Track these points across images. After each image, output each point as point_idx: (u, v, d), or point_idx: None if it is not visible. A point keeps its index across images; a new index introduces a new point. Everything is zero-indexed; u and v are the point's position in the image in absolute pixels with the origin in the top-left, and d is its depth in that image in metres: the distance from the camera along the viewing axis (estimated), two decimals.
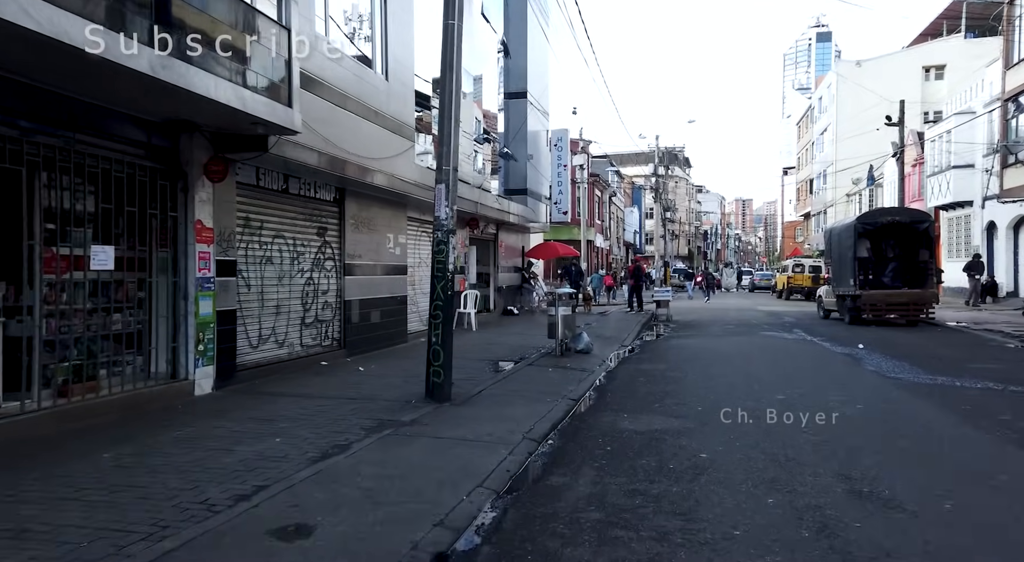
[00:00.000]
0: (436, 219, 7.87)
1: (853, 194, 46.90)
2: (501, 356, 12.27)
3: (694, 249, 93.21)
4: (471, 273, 18.26)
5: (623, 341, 15.69)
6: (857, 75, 48.81)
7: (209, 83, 6.45)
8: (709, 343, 15.53)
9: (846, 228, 19.95)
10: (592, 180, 42.16)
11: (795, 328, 19.06)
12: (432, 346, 7.77)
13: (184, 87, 6.11)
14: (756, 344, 15.12)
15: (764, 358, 12.71)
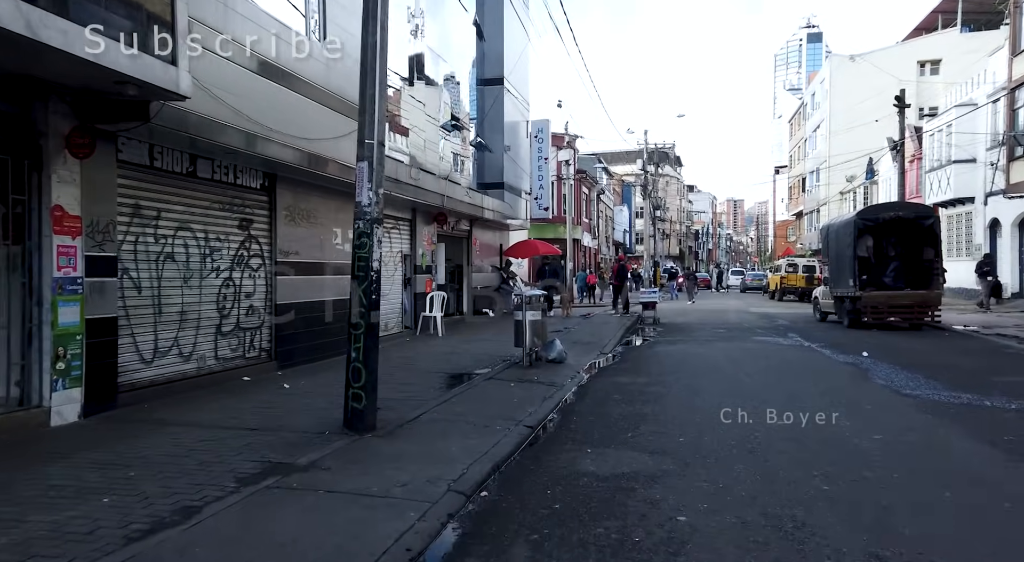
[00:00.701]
0: (357, 206, 6.35)
1: (847, 191, 45.64)
2: (460, 367, 10.75)
3: (685, 249, 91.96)
4: (439, 273, 16.73)
5: (603, 348, 14.21)
6: (851, 70, 47.58)
7: (53, 25, 4.92)
8: (697, 350, 14.06)
9: (845, 224, 18.55)
10: (579, 176, 40.70)
11: (790, 332, 17.64)
12: (351, 363, 6.25)
13: (22, 34, 4.59)
14: (749, 351, 13.65)
15: (758, 368, 11.24)
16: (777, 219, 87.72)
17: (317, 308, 10.80)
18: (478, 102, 19.15)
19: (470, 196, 17.13)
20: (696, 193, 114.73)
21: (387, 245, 13.87)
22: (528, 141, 23.43)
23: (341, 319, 11.07)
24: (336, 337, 11.30)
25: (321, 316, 10.91)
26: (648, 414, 7.53)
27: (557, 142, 36.00)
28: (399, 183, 12.46)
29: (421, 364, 10.86)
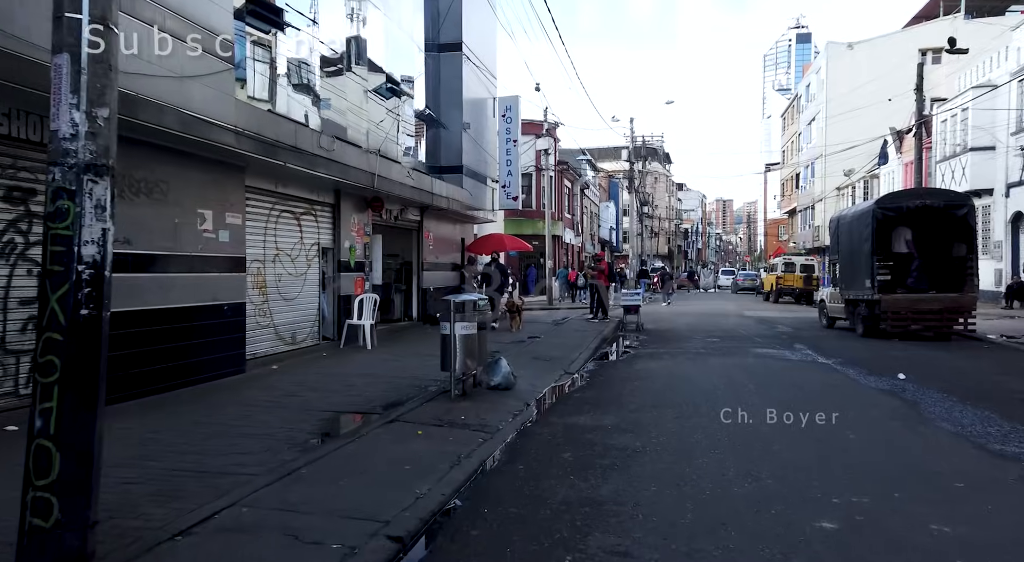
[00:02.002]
0: (53, 136, 3.38)
1: (845, 187, 43.06)
2: (361, 401, 7.85)
3: (674, 248, 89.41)
4: (375, 271, 13.81)
5: (569, 365, 11.35)
6: (848, 58, 45.03)
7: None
8: (686, 368, 11.23)
9: (860, 216, 15.78)
10: (560, 168, 37.89)
11: (796, 343, 14.85)
12: (35, 441, 3.28)
13: None
14: (751, 371, 10.83)
15: (768, 401, 8.39)
16: (768, 217, 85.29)
17: (164, 317, 7.85)
18: (427, 70, 16.24)
19: (415, 178, 14.21)
20: (685, 191, 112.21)
21: (293, 234, 10.94)
22: (495, 121, 20.57)
23: (209, 332, 8.16)
24: (197, 357, 8.36)
25: (173, 329, 7.95)
26: (607, 504, 4.63)
27: (535, 130, 33.05)
28: (299, 152, 9.53)
29: (307, 397, 7.94)
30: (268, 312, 10.11)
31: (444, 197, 16.18)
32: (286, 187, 10.47)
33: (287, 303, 10.64)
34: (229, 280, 9.02)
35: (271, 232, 10.25)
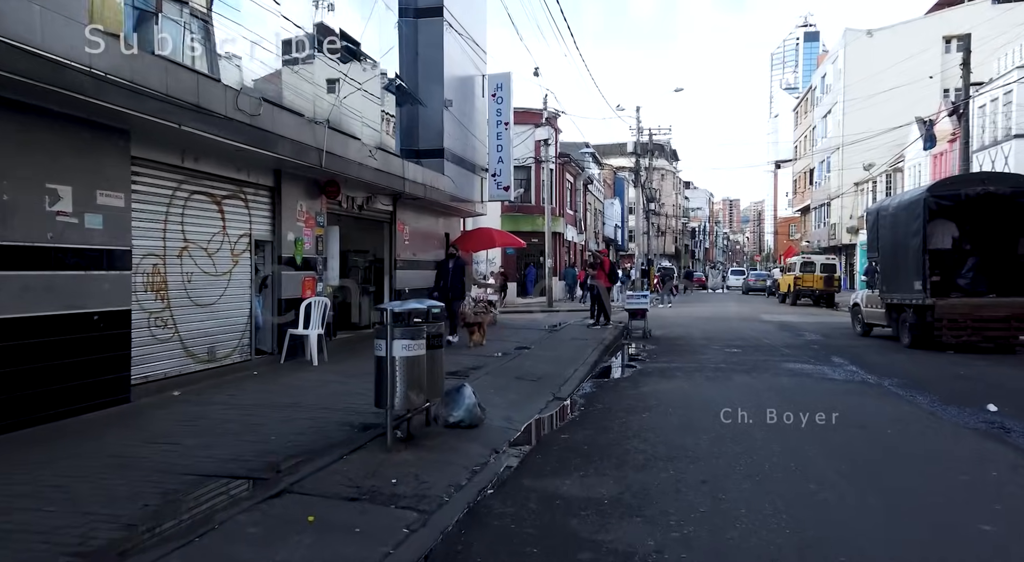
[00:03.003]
0: None
1: (864, 182, 40.62)
2: (259, 451, 5.55)
3: (681, 247, 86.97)
4: (331, 269, 11.55)
5: (560, 387, 9.08)
6: (868, 47, 42.59)
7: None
8: (707, 392, 8.92)
9: (908, 206, 13.44)
10: (562, 161, 35.59)
11: (834, 355, 12.56)
12: None
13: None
14: (792, 397, 8.53)
15: (829, 449, 6.09)
16: (778, 216, 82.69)
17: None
18: (402, 36, 13.95)
19: (381, 160, 11.94)
20: (692, 190, 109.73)
21: (212, 222, 8.69)
22: (485, 103, 18.31)
23: (60, 351, 5.92)
24: (43, 387, 6.12)
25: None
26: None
27: (534, 118, 30.88)
28: (204, 114, 7.27)
29: (181, 445, 5.68)
30: (171, 322, 7.86)
31: (420, 184, 13.91)
32: (199, 162, 8.22)
33: (202, 309, 8.39)
34: (103, 281, 6.78)
35: (175, 219, 7.99)
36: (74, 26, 5.74)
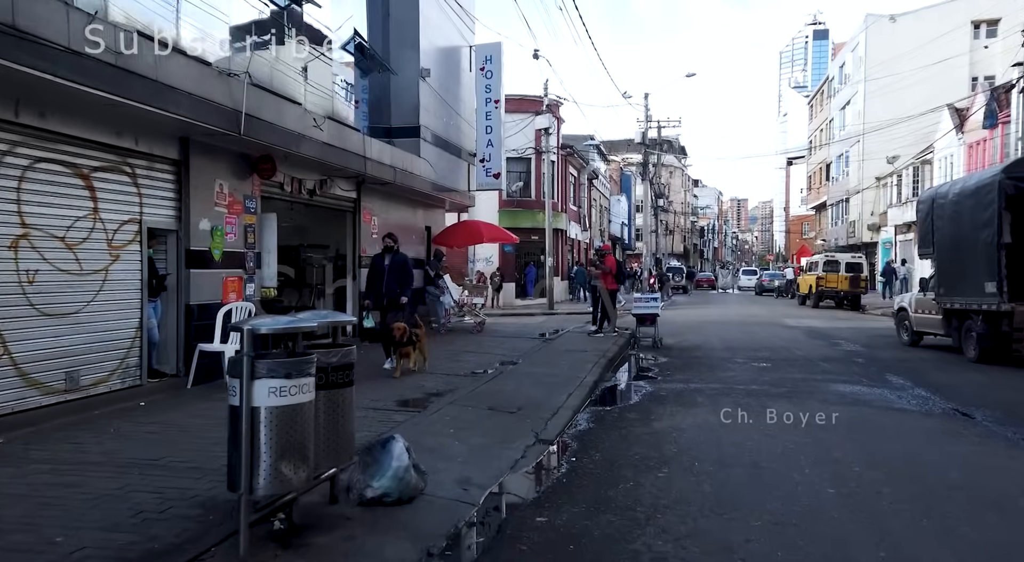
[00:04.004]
0: None
1: (887, 176, 38.14)
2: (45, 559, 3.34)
3: (690, 246, 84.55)
4: (268, 267, 9.31)
5: (546, 423, 6.80)
6: (891, 33, 40.10)
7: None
8: (741, 432, 6.61)
9: (976, 191, 11.09)
10: (565, 153, 33.31)
11: (887, 373, 10.29)
12: None
13: None
14: (859, 438, 6.27)
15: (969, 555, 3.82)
16: (790, 214, 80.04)
17: None
18: None
19: (333, 133, 9.71)
20: (701, 188, 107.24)
21: (74, 202, 6.46)
22: (472, 78, 16.06)
23: None
24: None
25: None
26: None
27: (533, 106, 28.63)
28: (23, 40, 5.05)
29: None
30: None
31: (388, 166, 11.69)
32: (46, 118, 6.00)
33: (54, 321, 6.17)
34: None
35: (8, 197, 5.77)
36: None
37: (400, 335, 8.33)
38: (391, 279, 8.96)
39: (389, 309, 9.03)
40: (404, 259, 9.29)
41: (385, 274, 9.00)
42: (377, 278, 9.07)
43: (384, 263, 9.09)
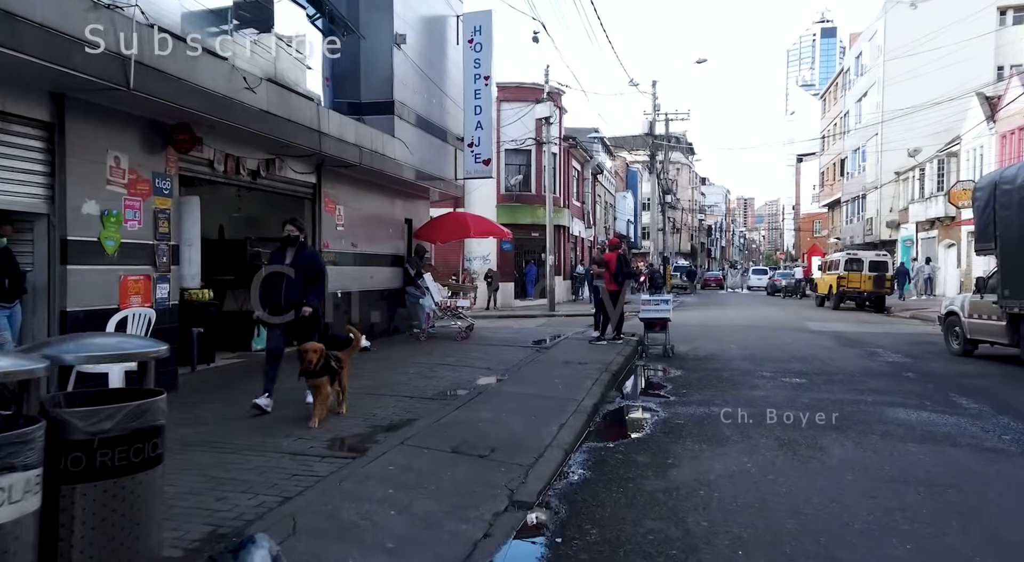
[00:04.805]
0: None
1: (908, 171, 36.14)
2: None
3: (697, 245, 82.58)
4: (190, 264, 7.52)
5: (523, 478, 4.92)
6: (911, 20, 38.06)
7: None
8: (794, 492, 4.78)
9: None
10: (568, 145, 31.49)
11: (951, 392, 8.47)
12: None
13: None
14: (961, 501, 4.44)
15: None
16: (800, 212, 77.95)
17: None
18: None
19: (275, 99, 7.93)
20: (709, 186, 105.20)
21: None
22: (460, 52, 14.27)
23: None
24: None
25: None
26: None
27: (533, 94, 26.88)
28: None
29: None
30: None
31: (352, 145, 9.89)
32: None
33: None
34: None
35: None
36: None
37: (313, 361, 5.85)
38: (293, 281, 6.38)
39: (296, 323, 6.41)
40: (313, 254, 6.83)
41: (285, 276, 6.42)
42: (273, 280, 6.47)
43: (285, 261, 6.46)
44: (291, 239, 6.49)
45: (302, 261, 6.47)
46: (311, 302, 6.44)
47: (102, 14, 5.55)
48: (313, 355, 5.86)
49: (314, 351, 5.88)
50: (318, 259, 6.79)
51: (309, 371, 5.88)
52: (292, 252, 6.47)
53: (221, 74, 7.06)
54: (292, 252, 6.47)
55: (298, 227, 6.55)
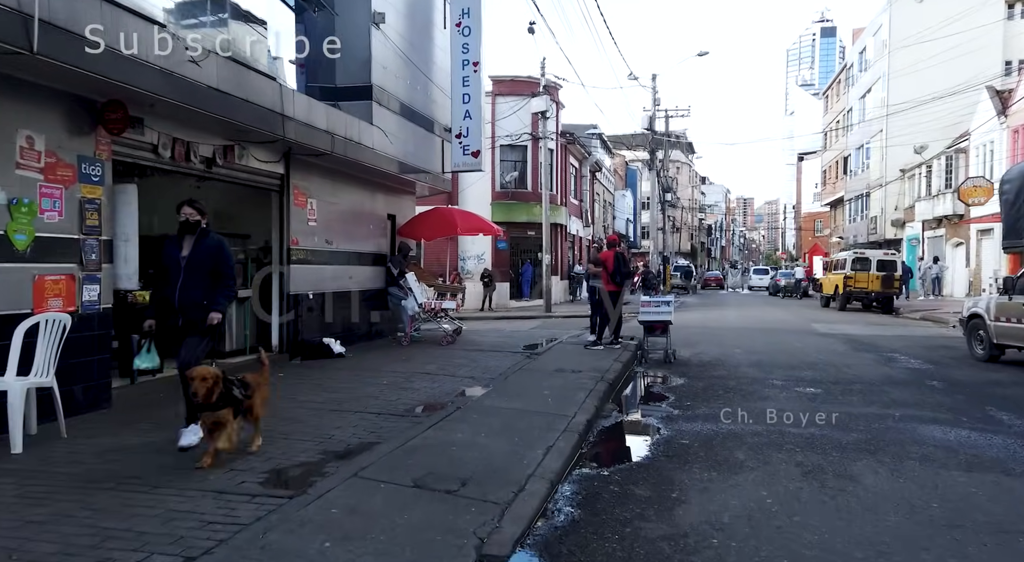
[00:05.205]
0: None
1: (912, 169, 35.27)
2: None
3: (697, 245, 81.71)
4: (126, 261, 6.62)
5: (496, 520, 3.97)
6: (917, 14, 37.18)
7: None
8: (838, 553, 3.91)
9: None
10: (566, 141, 30.60)
11: (988, 405, 7.63)
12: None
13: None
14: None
15: None
16: (801, 211, 77.02)
17: None
18: None
19: (228, 75, 7.03)
20: (709, 185, 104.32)
21: None
22: (447, 36, 13.37)
23: None
24: None
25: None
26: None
27: (529, 88, 26.01)
28: None
29: None
30: None
31: (323, 131, 8.99)
32: None
33: None
34: None
35: None
36: None
37: (200, 392, 4.49)
38: (192, 278, 5.09)
39: (186, 334, 5.11)
40: (219, 244, 5.30)
41: (182, 271, 5.10)
42: (167, 277, 5.17)
43: (180, 254, 5.14)
44: (189, 225, 5.17)
45: (204, 252, 5.15)
46: (218, 306, 5.16)
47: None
48: (201, 385, 4.47)
49: (203, 379, 4.49)
50: (225, 250, 5.33)
51: (202, 405, 4.54)
52: (191, 241, 5.18)
53: (158, 42, 6.15)
54: (191, 241, 5.18)
55: (198, 210, 5.23)
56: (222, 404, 4.59)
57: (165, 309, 5.13)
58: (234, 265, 5.45)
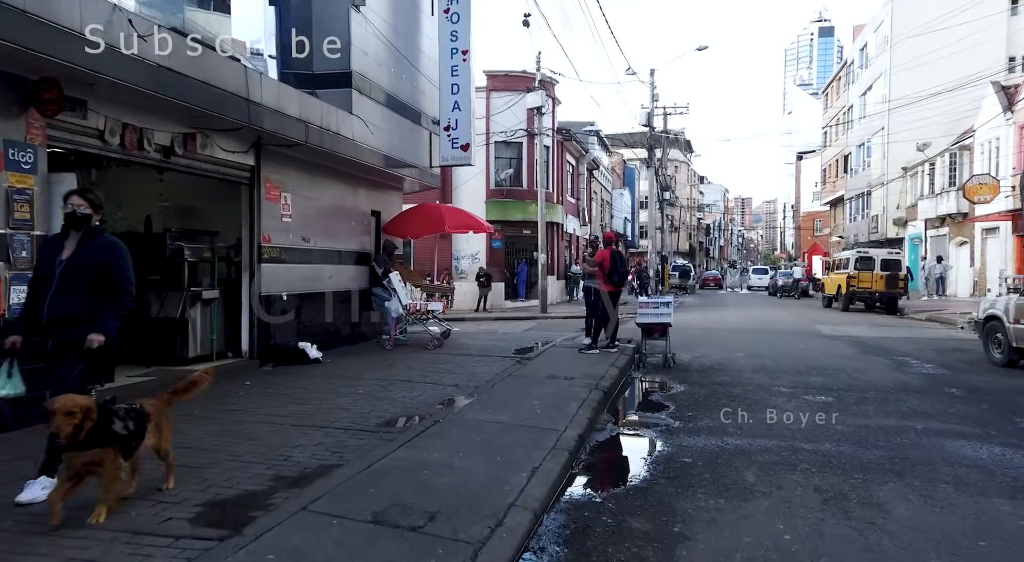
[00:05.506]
0: None
1: (915, 167, 34.65)
2: None
3: (695, 244, 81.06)
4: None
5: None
6: (918, 10, 36.56)
7: None
8: None
9: None
10: (562, 138, 29.94)
11: (1016, 416, 6.95)
12: None
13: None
14: None
15: None
16: (800, 210, 76.43)
17: None
18: None
19: (182, 55, 6.37)
20: (707, 184, 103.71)
21: None
22: (435, 24, 12.71)
23: None
24: None
25: None
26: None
27: (523, 83, 25.35)
28: None
29: None
30: None
31: (296, 119, 8.32)
32: None
33: None
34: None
35: None
36: None
37: (68, 427, 3.45)
38: (67, 287, 3.98)
39: (58, 354, 3.98)
40: (111, 246, 4.13)
41: (56, 275, 3.99)
42: (41, 285, 4.06)
43: (60, 252, 4.05)
44: (76, 219, 4.04)
45: (89, 255, 4.02)
46: (103, 326, 3.96)
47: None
48: (65, 422, 3.42)
49: (67, 413, 3.43)
50: (119, 253, 4.11)
51: (62, 444, 3.47)
52: (76, 239, 4.06)
53: (96, 11, 5.47)
54: (76, 239, 4.06)
55: (91, 202, 4.09)
56: (94, 443, 3.54)
57: (35, 324, 4.04)
58: (131, 275, 4.14)
